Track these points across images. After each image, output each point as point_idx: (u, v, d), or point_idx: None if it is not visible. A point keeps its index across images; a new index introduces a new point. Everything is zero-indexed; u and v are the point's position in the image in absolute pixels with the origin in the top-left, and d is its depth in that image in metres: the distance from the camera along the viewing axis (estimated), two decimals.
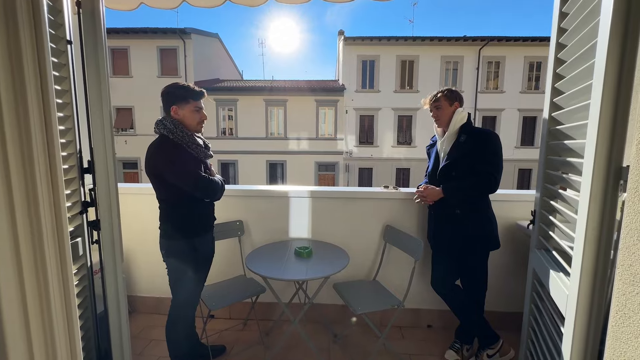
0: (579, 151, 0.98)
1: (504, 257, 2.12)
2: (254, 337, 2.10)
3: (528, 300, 1.36)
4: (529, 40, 15.09)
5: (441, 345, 2.03)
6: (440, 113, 1.78)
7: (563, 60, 1.14)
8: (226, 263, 2.24)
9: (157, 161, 1.46)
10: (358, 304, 1.76)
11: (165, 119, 1.51)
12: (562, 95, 1.13)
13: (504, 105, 15.59)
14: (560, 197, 1.10)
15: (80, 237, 1.40)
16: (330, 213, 2.22)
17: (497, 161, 1.65)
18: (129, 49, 15.82)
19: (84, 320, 1.44)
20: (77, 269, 1.39)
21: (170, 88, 1.53)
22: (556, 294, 1.02)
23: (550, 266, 1.11)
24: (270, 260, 1.83)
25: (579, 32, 1.00)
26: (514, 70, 15.53)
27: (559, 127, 1.14)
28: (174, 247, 1.55)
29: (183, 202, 1.53)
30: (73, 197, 1.34)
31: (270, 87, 16.36)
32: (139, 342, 2.05)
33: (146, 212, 2.24)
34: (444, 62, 15.71)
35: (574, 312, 0.84)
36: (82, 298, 1.43)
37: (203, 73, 16.84)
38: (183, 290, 1.61)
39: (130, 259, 2.35)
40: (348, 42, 15.73)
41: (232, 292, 1.94)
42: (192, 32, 15.96)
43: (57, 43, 1.26)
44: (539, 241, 1.29)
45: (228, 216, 2.19)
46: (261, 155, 16.41)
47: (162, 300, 2.36)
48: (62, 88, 1.27)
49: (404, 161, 16.05)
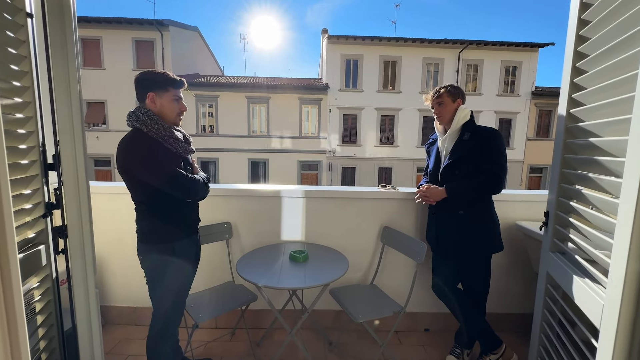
0: (610, 149, 0.92)
1: (502, 257, 2.09)
2: (243, 348, 1.95)
3: (540, 304, 1.31)
4: (506, 45, 15.65)
5: (440, 349, 1.97)
6: (442, 110, 1.70)
7: (585, 54, 1.08)
8: (213, 269, 2.07)
9: (128, 158, 1.27)
10: (358, 311, 1.66)
11: (138, 110, 1.32)
12: (585, 91, 1.07)
13: (482, 107, 16.08)
14: (583, 198, 1.04)
15: (43, 245, 1.20)
16: (325, 214, 2.10)
17: (503, 161, 1.60)
18: (101, 40, 14.92)
19: (48, 340, 1.24)
20: (40, 281, 1.19)
21: (147, 74, 1.35)
22: (584, 303, 0.95)
23: (572, 271, 1.05)
24: (263, 266, 1.68)
25: (609, 22, 0.94)
26: (491, 73, 16.07)
27: (581, 125, 1.08)
28: (151, 253, 1.38)
29: (161, 202, 1.36)
30: (35, 198, 1.14)
31: (252, 83, 15.96)
32: (114, 358, 1.83)
33: (121, 213, 2.03)
34: (426, 64, 15.99)
35: (614, 325, 0.77)
36: (45, 314, 1.23)
37: (182, 67, 16.17)
38: (164, 300, 1.44)
39: (104, 265, 2.12)
40: (332, 41, 15.66)
41: (220, 301, 1.78)
42: (170, 24, 15.28)
43: (13, 15, 1.06)
44: (553, 244, 1.24)
45: (215, 218, 2.02)
46: (243, 153, 16.01)
47: (139, 310, 2.15)
48: (20, 69, 1.07)
49: (386, 161, 16.20)
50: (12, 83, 1.05)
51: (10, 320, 0.52)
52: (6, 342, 0.52)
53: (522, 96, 16.09)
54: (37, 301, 1.18)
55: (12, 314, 0.53)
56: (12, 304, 0.53)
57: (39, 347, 1.19)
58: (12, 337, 0.52)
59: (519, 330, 2.09)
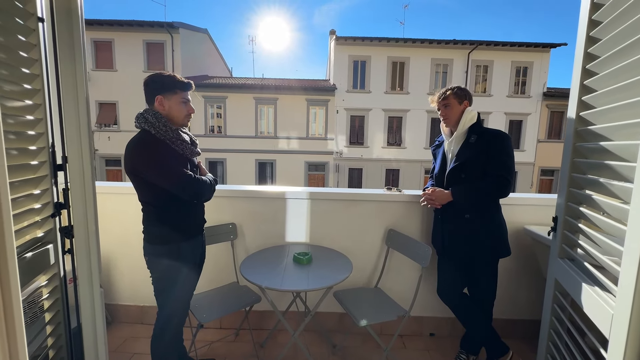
0: (621, 153, 0.89)
1: (510, 262, 2.05)
2: (247, 349, 1.95)
3: (548, 312, 1.27)
4: (517, 46, 15.40)
5: (445, 355, 1.94)
6: (448, 112, 1.67)
7: (596, 55, 1.06)
8: (218, 269, 2.08)
9: (136, 159, 1.30)
10: (362, 315, 1.64)
11: (147, 112, 1.34)
12: (595, 93, 1.04)
13: (491, 108, 15.85)
14: (593, 203, 1.01)
15: (52, 244, 1.23)
16: (330, 216, 2.09)
17: (510, 163, 1.57)
18: (113, 42, 15.24)
19: (56, 337, 1.27)
20: (48, 280, 1.21)
21: (155, 77, 1.37)
22: (593, 312, 0.92)
23: (581, 279, 1.02)
24: (266, 268, 1.69)
25: (621, 23, 0.91)
26: (501, 74, 15.83)
27: (591, 128, 1.05)
28: (157, 253, 1.40)
29: (167, 203, 1.37)
30: (44, 198, 1.16)
31: (260, 84, 16.07)
32: (120, 356, 1.86)
33: (129, 213, 2.06)
34: (434, 65, 15.85)
35: (624, 335, 0.75)
36: (53, 312, 1.25)
37: (191, 69, 16.40)
38: (169, 300, 1.45)
39: (112, 264, 2.15)
40: (339, 42, 15.66)
41: (224, 302, 1.79)
42: (180, 27, 15.51)
43: (25, 19, 1.09)
44: (562, 249, 1.21)
45: (220, 218, 2.03)
46: (250, 154, 16.12)
47: (146, 309, 2.18)
48: (31, 72, 1.10)
49: (393, 162, 16.10)
50: (23, 86, 1.08)
51: (9, 324, 0.53)
52: (5, 346, 0.53)
53: (533, 97, 15.81)
54: (45, 299, 1.20)
55: (11, 318, 0.54)
56: (10, 309, 0.54)
57: (46, 344, 1.22)
58: (11, 341, 0.53)
59: (527, 337, 2.04)
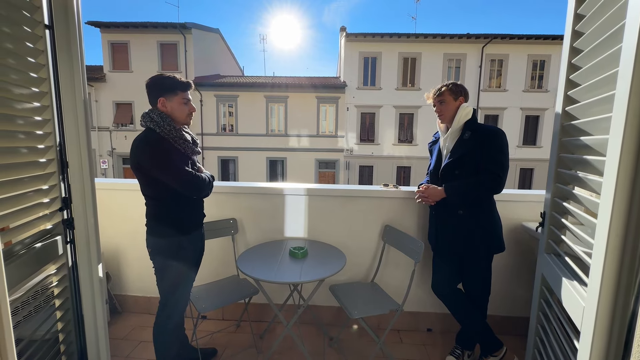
0: (598, 148, 0.89)
1: (507, 259, 2.04)
2: (246, 340, 2.03)
3: (535, 307, 1.28)
4: (533, 39, 14.89)
5: (441, 350, 1.96)
6: (444, 108, 1.68)
7: (579, 49, 1.05)
8: (219, 263, 2.16)
9: (141, 155, 1.38)
10: (354, 307, 1.68)
11: (152, 112, 1.43)
12: (578, 88, 1.04)
13: (506, 104, 15.43)
14: (575, 198, 1.01)
15: (60, 236, 1.33)
16: (328, 212, 2.13)
17: (503, 160, 1.56)
18: (129, 44, 15.69)
19: (65, 323, 1.37)
20: (57, 269, 1.31)
21: (156, 79, 1.45)
22: (569, 305, 0.93)
23: (562, 273, 1.03)
24: (263, 261, 1.75)
25: (601, 16, 0.91)
26: (517, 68, 15.35)
27: (574, 123, 1.05)
28: (159, 245, 1.49)
29: (168, 198, 1.46)
30: (52, 193, 1.26)
31: (271, 83, 16.20)
32: (127, 343, 1.97)
33: (138, 208, 2.14)
34: (447, 60, 15.53)
35: (591, 326, 0.76)
36: (62, 299, 1.36)
37: (203, 68, 16.70)
38: (170, 290, 1.54)
39: (121, 257, 2.27)
40: (350, 39, 15.56)
41: (223, 294, 1.86)
42: (193, 27, 15.80)
43: (33, 27, 1.18)
44: (548, 245, 1.21)
45: (221, 214, 2.11)
46: (261, 152, 16.30)
47: (153, 300, 2.29)
48: (39, 76, 1.19)
49: (405, 159, 15.93)
50: (32, 89, 1.17)
51: None
52: None
53: (551, 92, 15.27)
54: (55, 286, 1.30)
55: None
56: None
57: (56, 328, 1.32)
58: None
59: (523, 334, 2.02)
